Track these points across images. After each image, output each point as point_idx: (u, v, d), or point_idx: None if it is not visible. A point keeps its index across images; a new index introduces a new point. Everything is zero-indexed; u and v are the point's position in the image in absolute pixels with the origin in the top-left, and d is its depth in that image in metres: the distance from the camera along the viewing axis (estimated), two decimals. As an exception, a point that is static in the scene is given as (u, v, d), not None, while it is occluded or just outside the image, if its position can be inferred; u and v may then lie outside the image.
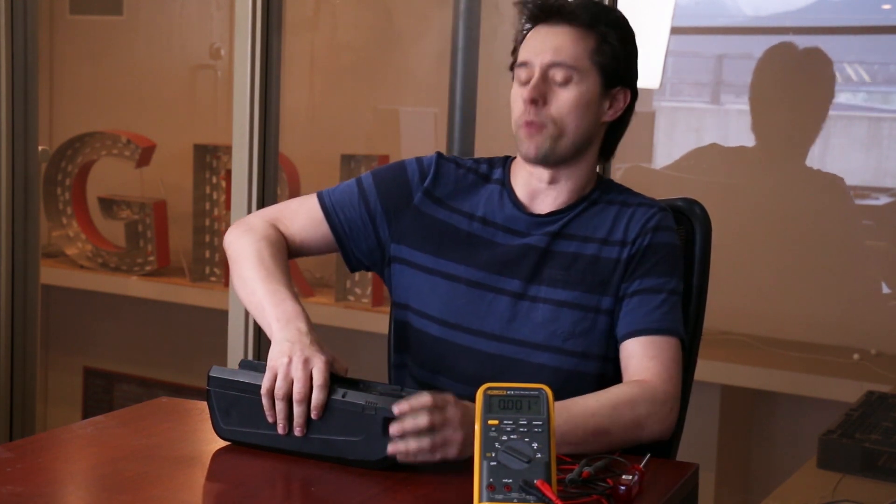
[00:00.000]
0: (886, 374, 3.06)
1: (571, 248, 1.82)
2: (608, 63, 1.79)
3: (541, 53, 1.79)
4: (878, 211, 3.34)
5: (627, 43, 1.83)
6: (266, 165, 3.04)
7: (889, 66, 3.45)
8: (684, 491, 1.58)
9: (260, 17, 2.98)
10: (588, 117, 1.80)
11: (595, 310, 1.80)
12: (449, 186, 1.89)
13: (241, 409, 1.64)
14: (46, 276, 3.93)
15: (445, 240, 1.86)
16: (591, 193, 1.87)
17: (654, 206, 1.86)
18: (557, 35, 1.79)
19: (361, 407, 1.54)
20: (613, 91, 1.82)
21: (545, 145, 1.79)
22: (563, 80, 1.78)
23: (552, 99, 1.78)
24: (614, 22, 1.82)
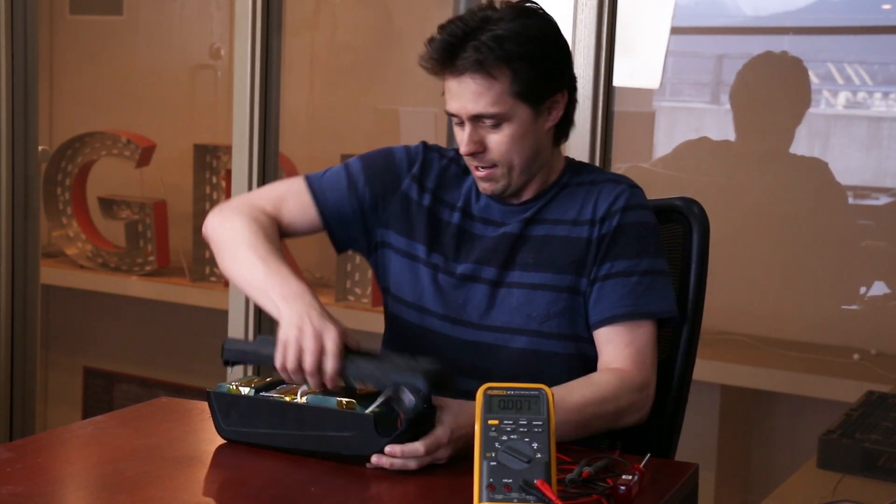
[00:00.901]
0: (886, 374, 3.06)
1: (542, 232, 1.83)
2: (529, 90, 1.76)
3: (461, 105, 1.76)
4: (877, 211, 3.34)
5: (545, 54, 1.77)
6: (266, 165, 3.04)
7: (889, 66, 3.45)
8: (684, 491, 1.58)
9: (260, 17, 2.98)
10: (528, 143, 1.79)
11: (570, 290, 1.80)
12: (435, 176, 1.91)
13: (241, 409, 1.64)
14: (46, 276, 3.92)
15: (429, 229, 1.88)
16: (561, 177, 1.87)
17: (621, 182, 1.85)
18: (469, 86, 1.74)
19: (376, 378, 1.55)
20: (546, 104, 1.80)
21: (499, 186, 1.82)
22: (493, 125, 1.76)
23: (490, 142, 1.78)
24: (523, 44, 1.74)
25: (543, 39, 1.78)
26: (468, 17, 1.75)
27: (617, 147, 2.67)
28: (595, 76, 2.55)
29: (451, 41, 1.73)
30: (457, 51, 1.73)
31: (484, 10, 1.77)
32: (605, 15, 2.54)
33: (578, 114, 2.55)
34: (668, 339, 1.93)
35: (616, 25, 2.57)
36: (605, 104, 2.58)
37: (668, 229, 1.96)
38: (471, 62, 1.72)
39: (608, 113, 2.60)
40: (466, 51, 1.72)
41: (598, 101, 2.57)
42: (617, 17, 2.57)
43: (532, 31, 1.76)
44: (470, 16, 1.76)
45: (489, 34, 1.72)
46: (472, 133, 1.77)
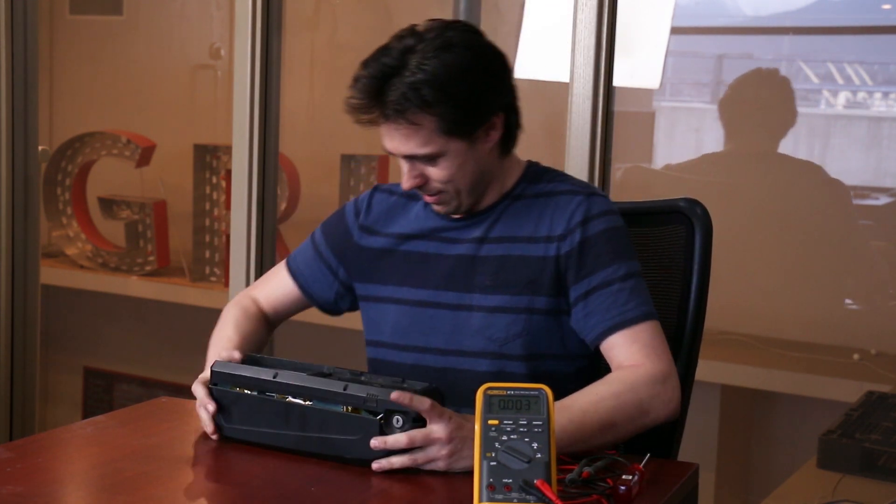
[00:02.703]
0: (886, 374, 3.06)
1: (499, 252, 1.82)
2: (458, 126, 1.73)
3: (394, 146, 1.76)
4: (877, 211, 3.34)
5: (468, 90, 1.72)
6: (266, 165, 3.04)
7: (889, 66, 3.45)
8: (684, 491, 1.58)
9: (260, 17, 2.98)
10: (470, 168, 1.78)
11: (528, 311, 1.79)
12: (381, 214, 1.94)
13: (242, 408, 1.65)
14: (46, 276, 3.92)
15: (385, 266, 1.89)
16: (515, 188, 1.85)
17: (578, 192, 1.82)
18: (398, 130, 1.73)
19: (363, 399, 1.54)
20: (481, 130, 1.77)
21: (451, 207, 1.82)
22: (429, 162, 1.76)
23: (430, 174, 1.77)
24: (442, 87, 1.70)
25: (464, 74, 1.72)
26: (390, 53, 1.72)
27: (617, 147, 2.67)
28: (595, 76, 2.55)
29: (373, 85, 1.72)
30: (380, 94, 1.71)
31: (406, 38, 1.73)
32: (605, 15, 2.54)
33: (578, 114, 2.57)
34: (669, 340, 1.92)
35: (616, 25, 2.57)
36: (605, 104, 2.58)
37: (670, 230, 1.96)
38: (393, 112, 1.71)
39: (608, 113, 2.60)
40: (389, 95, 1.70)
41: (598, 101, 2.57)
42: (617, 17, 2.57)
43: (452, 71, 1.71)
44: (392, 49, 1.73)
45: (409, 79, 1.69)
46: (411, 169, 1.77)
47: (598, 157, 2.59)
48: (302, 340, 3.67)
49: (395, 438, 1.53)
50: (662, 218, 1.97)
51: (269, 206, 3.07)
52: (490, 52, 1.78)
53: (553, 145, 3.19)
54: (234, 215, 3.07)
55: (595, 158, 2.59)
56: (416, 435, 1.53)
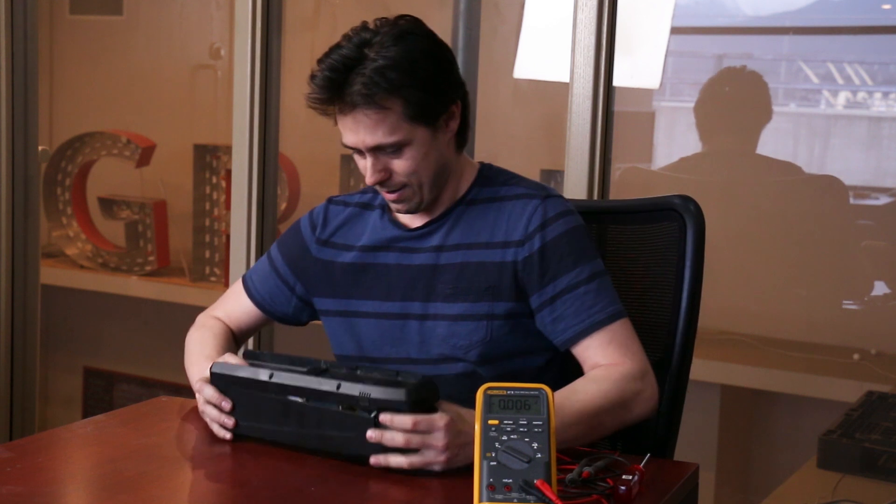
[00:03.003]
0: (886, 374, 3.06)
1: (457, 259, 1.82)
2: (423, 112, 1.74)
3: (359, 139, 1.75)
4: (877, 211, 3.33)
5: (431, 73, 1.75)
6: (266, 165, 3.05)
7: (889, 66, 3.45)
8: (684, 491, 1.58)
9: (260, 17, 2.98)
10: (432, 159, 1.79)
11: (488, 317, 1.79)
12: (338, 227, 1.94)
13: (244, 404, 1.65)
14: (46, 276, 3.92)
15: (345, 279, 1.89)
16: (469, 192, 1.85)
17: (533, 196, 1.82)
18: (363, 119, 1.72)
19: (356, 399, 1.54)
20: (443, 117, 1.79)
21: (412, 204, 1.82)
22: (394, 151, 1.76)
23: (393, 167, 1.77)
24: (407, 70, 1.72)
25: (426, 60, 1.75)
26: (346, 47, 1.73)
27: (617, 147, 2.67)
28: (595, 76, 2.55)
29: (333, 77, 1.71)
30: (342, 86, 1.71)
31: (359, 34, 1.75)
32: (605, 15, 2.54)
33: (578, 114, 2.58)
34: (664, 338, 1.93)
35: (616, 25, 2.57)
36: (605, 104, 2.58)
37: (663, 227, 1.96)
38: (360, 97, 1.70)
39: (608, 113, 2.60)
40: (353, 85, 1.70)
41: (598, 101, 2.57)
42: (617, 17, 2.57)
43: (414, 55, 1.73)
44: (347, 45, 1.73)
45: (372, 65, 1.70)
46: (375, 163, 1.77)
47: (598, 157, 2.59)
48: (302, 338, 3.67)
49: (391, 436, 1.52)
50: (656, 215, 1.96)
51: (269, 206, 3.07)
52: (442, 41, 1.81)
53: (553, 145, 3.19)
54: (234, 215, 3.07)
55: (595, 158, 2.59)
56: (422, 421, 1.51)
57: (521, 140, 3.74)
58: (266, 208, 3.06)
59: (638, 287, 1.98)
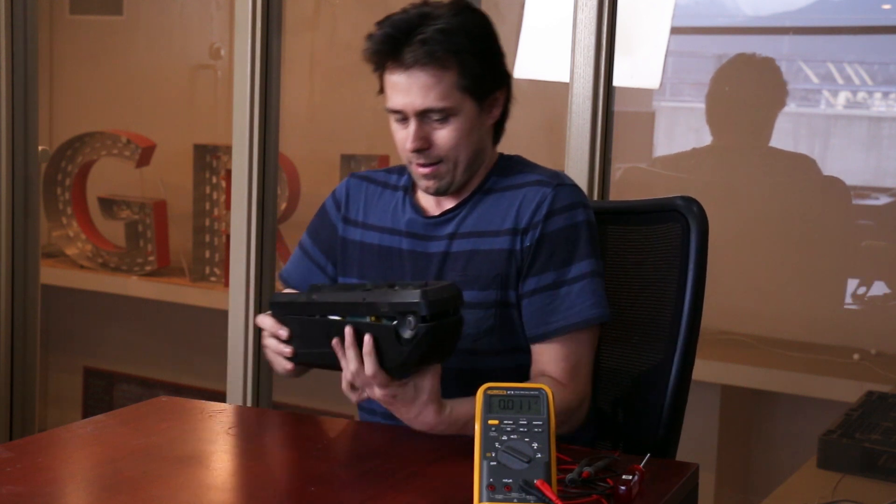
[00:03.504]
0: (886, 374, 3.06)
1: (467, 247, 1.81)
2: (475, 83, 1.76)
3: (409, 101, 1.75)
4: (877, 211, 3.34)
5: (486, 49, 1.78)
6: (266, 165, 3.04)
7: (889, 66, 3.45)
8: (684, 491, 1.58)
9: (260, 17, 2.98)
10: (474, 139, 1.79)
11: (497, 305, 1.79)
12: (360, 205, 1.93)
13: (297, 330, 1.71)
14: (46, 276, 3.92)
15: (364, 259, 1.89)
16: (486, 181, 1.85)
17: (546, 184, 1.81)
18: (418, 80, 1.73)
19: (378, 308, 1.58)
20: (489, 100, 1.80)
21: (443, 183, 1.81)
22: (440, 119, 1.76)
23: (435, 138, 1.77)
24: (469, 37, 1.74)
25: (486, 35, 1.79)
26: (408, 12, 1.74)
27: (617, 147, 2.67)
28: (595, 76, 2.55)
29: (395, 35, 1.73)
30: (401, 44, 1.72)
31: (419, 7, 1.76)
32: (605, 15, 2.54)
33: (578, 114, 2.57)
34: (665, 339, 1.93)
35: (616, 25, 2.57)
36: (605, 104, 2.58)
37: (666, 228, 1.96)
38: (422, 53, 1.71)
39: (608, 113, 2.60)
40: (413, 44, 1.71)
41: (598, 101, 2.57)
42: (617, 17, 2.57)
43: (474, 27, 1.77)
44: (409, 11, 1.75)
45: (434, 27, 1.72)
46: (419, 129, 1.76)
47: (598, 157, 2.59)
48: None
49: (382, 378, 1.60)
50: (659, 216, 1.96)
51: (269, 206, 3.07)
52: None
53: (553, 145, 3.18)
54: (234, 215, 3.07)
55: (595, 158, 2.59)
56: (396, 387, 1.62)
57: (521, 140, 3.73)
58: (266, 208, 3.06)
59: (640, 288, 1.98)
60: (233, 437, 1.73)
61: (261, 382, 3.08)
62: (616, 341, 1.98)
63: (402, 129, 1.79)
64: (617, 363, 1.99)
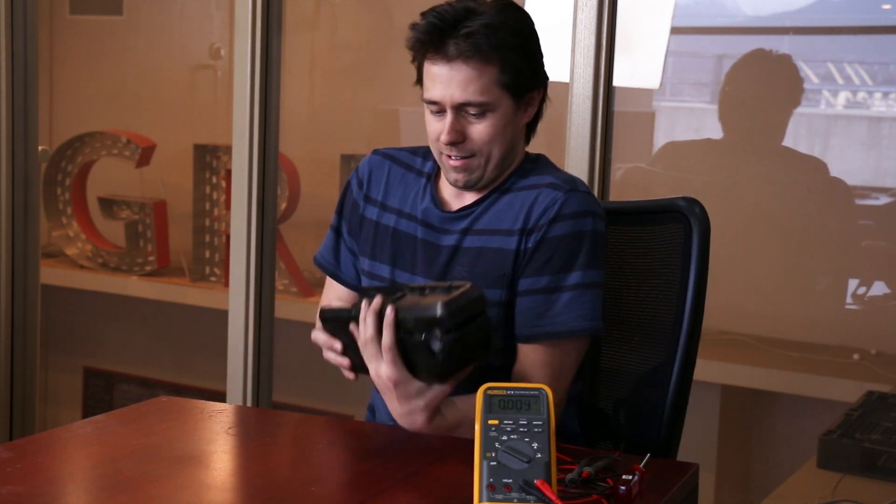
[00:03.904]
0: (886, 374, 3.06)
1: (478, 244, 1.81)
2: (515, 81, 1.76)
3: (448, 93, 1.75)
4: (877, 211, 3.34)
5: (529, 48, 1.78)
6: (266, 165, 3.04)
7: (889, 66, 3.45)
8: (684, 491, 1.58)
9: (260, 17, 2.98)
10: (508, 136, 1.79)
11: (501, 304, 1.79)
12: (381, 185, 1.92)
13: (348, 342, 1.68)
14: (46, 276, 3.92)
15: (378, 241, 1.89)
16: (507, 181, 1.84)
17: (559, 187, 1.80)
18: (460, 72, 1.73)
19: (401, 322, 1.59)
20: (526, 98, 1.81)
21: (473, 177, 1.81)
22: (477, 114, 1.76)
23: (470, 132, 1.77)
24: (513, 34, 1.75)
25: (529, 33, 1.79)
26: (453, 6, 1.75)
27: (617, 147, 2.67)
28: (595, 76, 2.55)
29: (441, 25, 1.73)
30: (446, 35, 1.72)
31: (464, 2, 1.76)
32: (605, 15, 2.54)
33: (578, 114, 2.57)
34: (666, 340, 1.93)
35: (616, 25, 2.57)
36: (605, 104, 2.58)
37: (668, 229, 1.96)
38: (466, 46, 1.71)
39: (608, 113, 2.60)
40: (458, 36, 1.72)
41: (598, 101, 2.57)
42: (617, 17, 2.57)
43: (519, 24, 1.77)
44: (453, 6, 1.75)
45: (479, 21, 1.72)
46: (455, 122, 1.76)
47: (598, 157, 2.59)
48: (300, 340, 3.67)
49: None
50: (661, 217, 1.96)
51: (269, 206, 3.07)
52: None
53: (553, 145, 3.18)
54: (234, 215, 3.07)
55: (595, 158, 2.59)
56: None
57: (521, 140, 3.73)
58: (266, 208, 3.06)
59: (641, 289, 1.98)
60: (233, 437, 1.73)
61: (261, 382, 3.08)
62: (617, 341, 1.98)
63: (437, 120, 1.79)
64: (618, 363, 1.99)
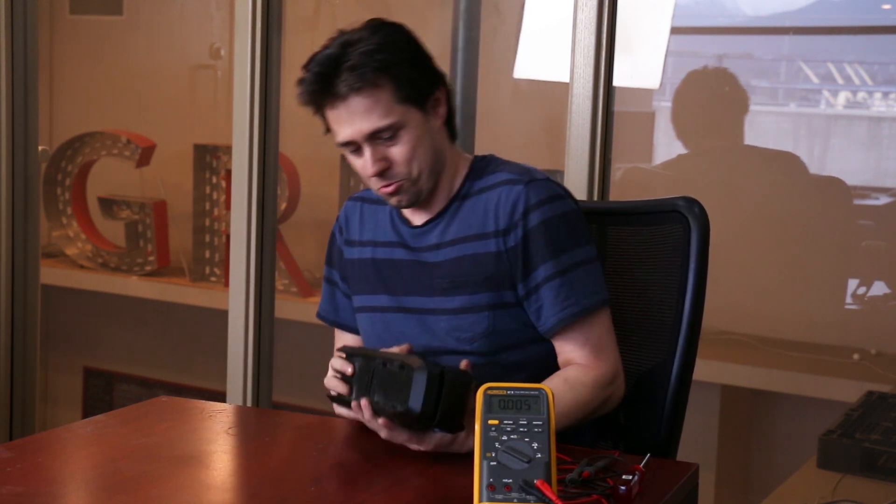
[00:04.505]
0: (886, 374, 3.06)
1: (453, 255, 1.83)
2: (413, 92, 1.78)
3: (355, 129, 1.77)
4: (877, 211, 3.34)
5: (413, 56, 1.80)
6: (266, 165, 3.04)
7: (889, 66, 3.45)
8: (684, 491, 1.58)
9: (260, 17, 2.98)
10: (429, 145, 1.81)
11: (491, 307, 1.80)
12: (355, 223, 1.96)
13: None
14: (46, 276, 3.92)
15: (362, 275, 1.92)
16: (462, 187, 1.87)
17: (517, 182, 1.82)
18: (358, 105, 1.75)
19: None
20: (430, 102, 1.82)
21: (412, 195, 1.83)
22: (390, 137, 1.78)
23: (392, 156, 1.79)
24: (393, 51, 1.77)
25: (408, 43, 1.81)
26: (330, 48, 1.77)
27: (617, 147, 2.67)
28: (595, 76, 2.55)
29: (324, 71, 1.75)
30: (332, 78, 1.75)
31: (340, 37, 1.79)
32: (605, 15, 2.53)
33: (578, 114, 2.57)
34: (666, 340, 1.93)
35: (616, 25, 2.57)
36: (605, 104, 2.58)
37: (667, 229, 1.96)
38: (353, 80, 1.74)
39: (608, 113, 2.60)
40: (342, 73, 1.74)
41: (598, 101, 2.57)
42: (617, 17, 2.57)
43: (395, 39, 1.80)
44: (330, 45, 1.77)
45: (357, 51, 1.75)
46: (373, 153, 1.78)
47: (598, 157, 2.59)
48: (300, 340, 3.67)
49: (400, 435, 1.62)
50: (660, 217, 1.96)
51: (269, 206, 3.07)
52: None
53: (553, 145, 3.18)
54: (234, 215, 3.07)
55: (595, 158, 2.59)
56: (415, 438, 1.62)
57: (521, 140, 3.74)
58: (266, 208, 3.06)
59: (641, 289, 1.98)
60: (233, 437, 1.73)
61: (261, 382, 3.08)
62: (617, 341, 1.98)
63: (358, 159, 1.82)
64: (617, 363, 1.99)
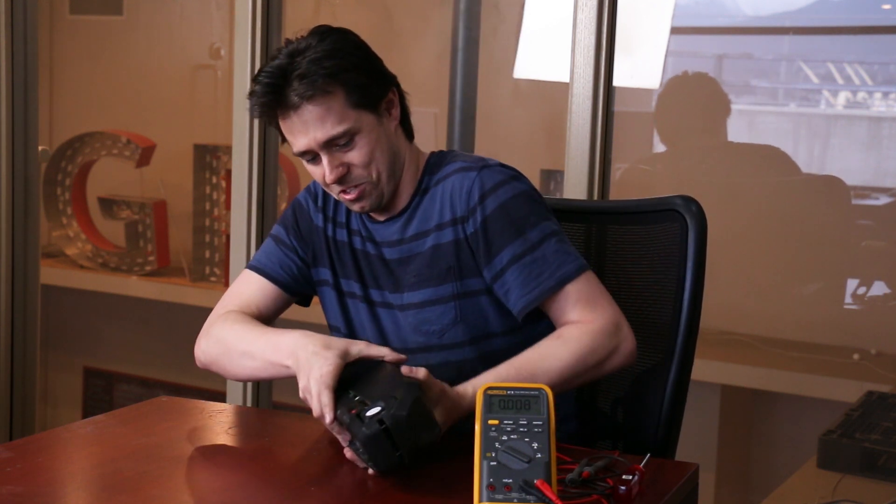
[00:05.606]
0: (886, 374, 3.06)
1: (416, 250, 1.84)
2: (364, 96, 1.78)
3: (310, 138, 1.76)
4: (877, 211, 3.34)
5: (360, 61, 1.80)
6: (266, 165, 3.05)
7: (889, 66, 3.45)
8: (684, 491, 1.58)
9: (260, 17, 2.98)
10: (385, 147, 1.81)
11: (456, 297, 1.80)
12: (332, 203, 1.94)
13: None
14: (46, 276, 3.93)
15: (340, 256, 1.91)
16: (421, 183, 1.87)
17: (469, 169, 1.82)
18: (311, 113, 1.75)
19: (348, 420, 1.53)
20: (383, 105, 1.82)
21: (373, 200, 1.82)
22: (346, 142, 1.78)
23: (351, 160, 1.79)
24: (341, 57, 1.77)
25: (355, 47, 1.81)
26: (278, 59, 1.77)
27: (617, 147, 2.67)
28: (595, 76, 2.55)
29: (275, 81, 1.75)
30: (283, 88, 1.75)
31: (287, 47, 1.79)
32: (605, 15, 2.54)
33: (578, 114, 2.58)
34: (665, 340, 1.93)
35: (616, 25, 2.57)
36: (605, 104, 2.58)
37: (665, 228, 1.96)
38: (303, 88, 1.73)
39: (608, 113, 2.60)
40: (292, 84, 1.74)
41: (598, 102, 2.57)
42: (617, 17, 2.57)
43: (343, 44, 1.79)
44: (279, 56, 1.77)
45: (306, 60, 1.75)
46: (331, 160, 1.78)
47: (598, 157, 2.59)
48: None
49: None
50: (658, 216, 1.96)
51: (269, 206, 3.07)
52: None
53: (553, 145, 3.19)
54: (234, 215, 3.07)
55: (595, 158, 2.59)
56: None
57: (521, 140, 3.74)
58: (266, 208, 3.06)
59: (638, 288, 1.98)
60: (233, 437, 1.73)
61: (261, 382, 3.08)
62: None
63: (316, 167, 1.81)
64: (617, 363, 1.99)
